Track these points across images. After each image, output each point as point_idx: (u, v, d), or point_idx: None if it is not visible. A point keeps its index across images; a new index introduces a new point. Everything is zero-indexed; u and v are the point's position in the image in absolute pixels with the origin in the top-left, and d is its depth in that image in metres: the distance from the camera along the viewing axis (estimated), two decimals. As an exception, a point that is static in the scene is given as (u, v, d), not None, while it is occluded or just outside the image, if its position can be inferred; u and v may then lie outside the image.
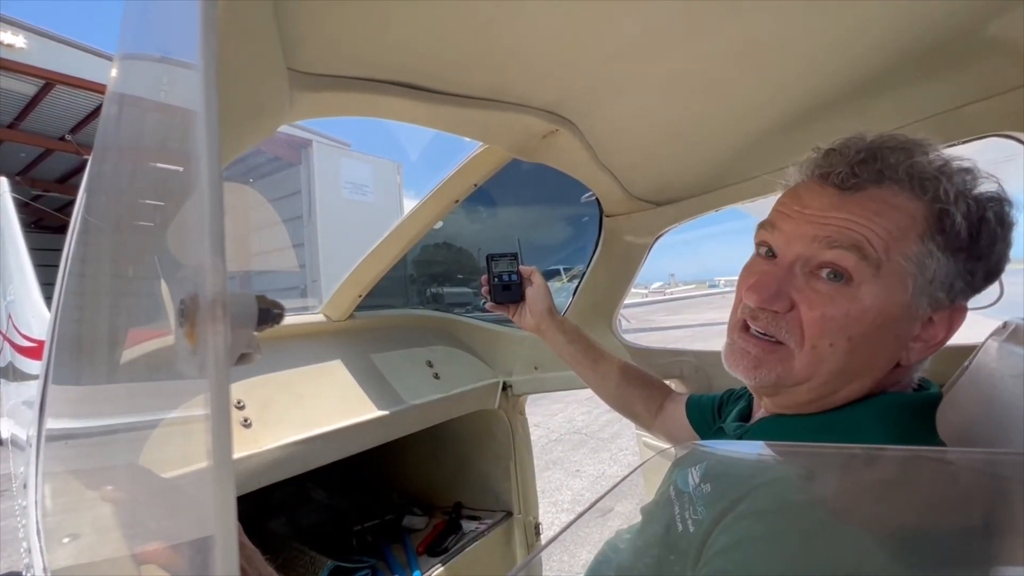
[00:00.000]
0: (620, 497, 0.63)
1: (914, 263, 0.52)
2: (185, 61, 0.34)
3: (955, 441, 0.76)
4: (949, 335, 0.55)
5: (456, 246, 4.59)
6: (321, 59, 0.71)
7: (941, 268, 0.52)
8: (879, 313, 0.53)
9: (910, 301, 0.53)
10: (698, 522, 0.51)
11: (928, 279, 0.53)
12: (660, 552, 0.55)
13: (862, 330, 0.54)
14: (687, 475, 0.58)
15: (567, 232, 2.36)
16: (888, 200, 0.54)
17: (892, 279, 0.53)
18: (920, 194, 0.53)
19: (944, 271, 0.52)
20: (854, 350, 0.54)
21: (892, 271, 0.53)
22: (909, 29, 0.75)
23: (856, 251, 0.53)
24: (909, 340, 0.55)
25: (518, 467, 1.72)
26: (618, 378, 1.10)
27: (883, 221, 0.53)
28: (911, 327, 0.55)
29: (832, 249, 0.54)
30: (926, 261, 0.52)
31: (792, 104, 0.94)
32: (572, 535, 0.55)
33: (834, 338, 0.54)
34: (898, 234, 0.52)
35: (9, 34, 8.31)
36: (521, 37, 0.72)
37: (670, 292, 42.60)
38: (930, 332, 0.55)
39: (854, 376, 0.57)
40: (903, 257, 0.52)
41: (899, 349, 0.56)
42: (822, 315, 0.54)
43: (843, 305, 0.53)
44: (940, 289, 0.53)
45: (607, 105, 0.94)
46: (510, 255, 1.10)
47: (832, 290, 0.54)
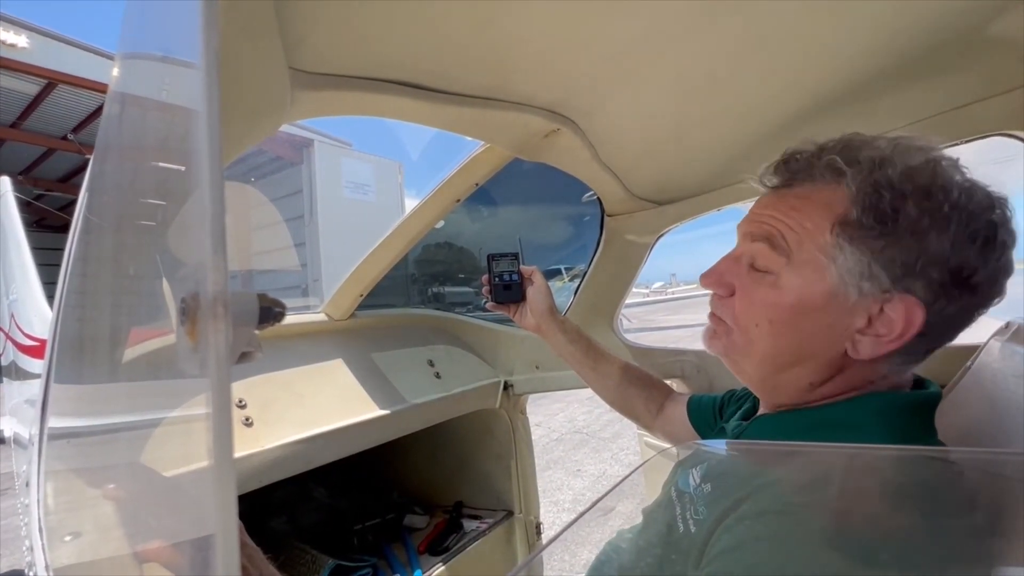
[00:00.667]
0: (621, 497, 0.63)
1: (827, 254, 0.55)
2: (186, 60, 0.34)
3: (957, 441, 0.76)
4: (909, 330, 0.52)
5: (457, 245, 4.59)
6: (322, 58, 0.71)
7: (851, 258, 0.53)
8: (797, 300, 0.56)
9: (833, 290, 0.55)
10: (699, 522, 0.51)
11: (844, 268, 0.54)
12: (662, 552, 0.55)
13: (781, 315, 0.58)
14: (688, 475, 0.58)
15: (568, 231, 2.36)
16: (808, 195, 0.57)
17: (807, 269, 0.56)
18: (836, 186, 0.56)
19: (857, 260, 0.53)
20: (778, 334, 0.59)
21: (806, 261, 0.56)
22: (911, 28, 0.74)
23: (767, 242, 0.58)
24: (853, 332, 0.55)
25: (519, 466, 1.72)
26: (618, 378, 1.10)
27: (798, 214, 0.57)
28: (849, 318, 0.55)
29: (753, 243, 0.60)
30: (837, 251, 0.54)
31: (794, 103, 0.94)
32: (573, 535, 0.55)
33: (758, 320, 0.60)
34: (811, 225, 0.56)
35: (11, 34, 8.33)
36: (523, 36, 0.72)
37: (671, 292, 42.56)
38: (884, 326, 0.54)
39: (790, 361, 0.59)
40: (816, 247, 0.55)
41: (837, 339, 0.56)
42: (747, 300, 0.61)
43: (763, 292, 0.59)
44: (863, 279, 0.53)
45: (609, 104, 0.94)
46: (511, 255, 1.10)
47: (757, 278, 0.60)
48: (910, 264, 0.52)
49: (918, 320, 0.52)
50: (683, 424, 0.96)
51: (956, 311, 0.53)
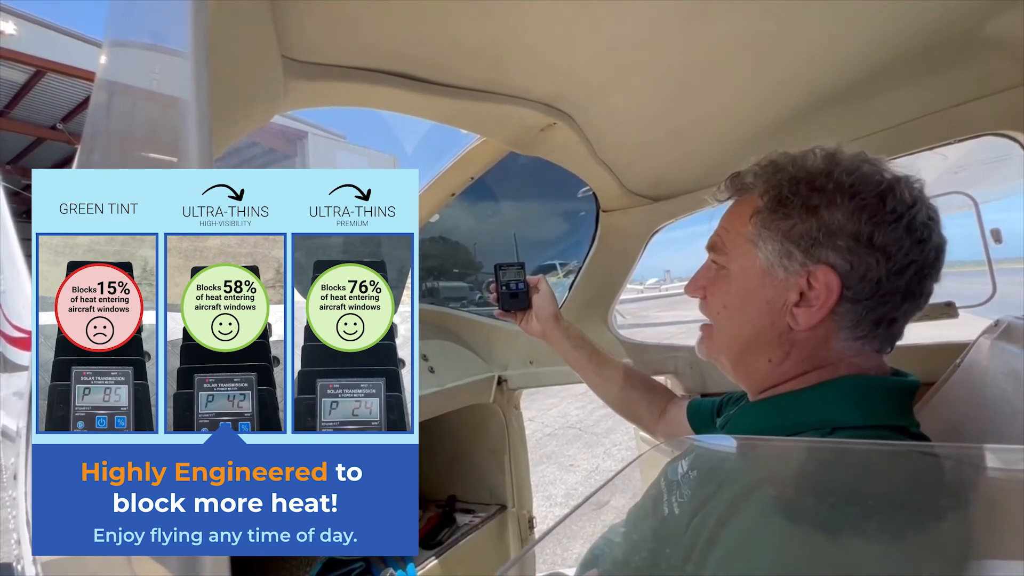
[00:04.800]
0: (614, 492, 0.63)
1: (752, 242, 0.66)
2: (175, 49, 0.34)
3: (947, 436, 0.77)
4: (831, 295, 0.61)
5: (452, 240, 4.58)
6: (317, 47, 0.70)
7: (768, 239, 0.64)
8: (740, 283, 0.68)
9: (764, 270, 0.65)
10: (683, 504, 0.54)
11: (769, 249, 0.65)
12: (654, 546, 0.56)
13: (731, 299, 0.69)
14: (677, 466, 0.60)
15: (563, 227, 2.36)
16: (739, 202, 0.71)
17: (743, 258, 0.68)
18: (752, 188, 0.68)
19: (772, 239, 0.64)
20: (732, 315, 0.70)
21: (741, 253, 0.68)
22: (908, 27, 0.75)
23: (711, 248, 0.73)
24: (790, 306, 0.64)
25: (512, 461, 1.72)
26: (621, 382, 1.12)
27: (729, 218, 0.71)
28: (783, 294, 0.64)
29: (708, 251, 0.74)
30: (757, 237, 0.66)
31: (790, 100, 0.94)
32: (566, 529, 0.55)
33: (719, 308, 0.71)
34: (739, 223, 0.68)
35: (-1, 20, 8.19)
36: (520, 29, 0.72)
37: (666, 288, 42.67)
38: (813, 297, 0.62)
39: (747, 339, 0.68)
40: (744, 239, 0.67)
41: (777, 313, 0.65)
42: (711, 294, 0.73)
43: (720, 284, 0.71)
44: (782, 256, 0.63)
45: (605, 99, 0.94)
46: (517, 264, 1.12)
47: (715, 275, 0.72)
48: (815, 236, 0.61)
49: (835, 285, 0.60)
50: (684, 427, 0.98)
51: (879, 275, 0.60)
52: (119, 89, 0.67)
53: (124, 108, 0.64)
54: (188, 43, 0.29)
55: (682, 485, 0.56)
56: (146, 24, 0.50)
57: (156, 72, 0.46)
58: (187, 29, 0.29)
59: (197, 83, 0.28)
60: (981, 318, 0.95)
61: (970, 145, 1.01)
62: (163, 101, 0.43)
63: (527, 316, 1.12)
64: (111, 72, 0.69)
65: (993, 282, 1.31)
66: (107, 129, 0.71)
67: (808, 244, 0.62)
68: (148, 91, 0.52)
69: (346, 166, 12.62)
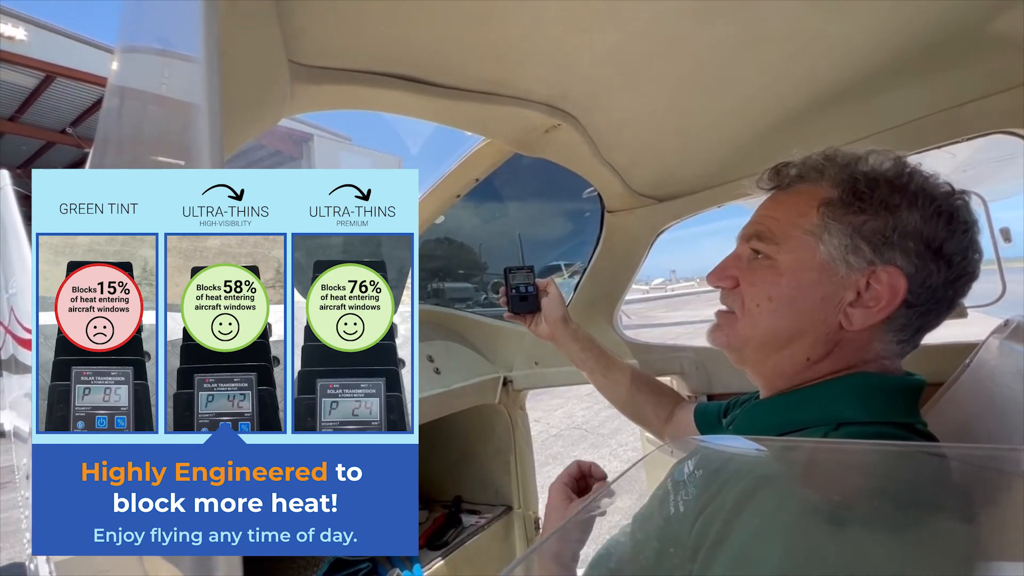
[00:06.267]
0: (620, 492, 0.63)
1: (814, 234, 0.63)
2: (186, 54, 0.34)
3: (956, 436, 0.76)
4: (894, 296, 0.59)
5: (457, 241, 4.59)
6: (322, 51, 0.71)
7: (837, 232, 0.61)
8: (792, 275, 0.64)
9: (823, 264, 0.62)
10: (688, 502, 0.53)
11: (832, 244, 0.61)
12: (659, 545, 0.56)
13: (779, 291, 0.65)
14: (683, 467, 0.59)
15: (568, 227, 2.36)
16: (792, 192, 0.67)
17: (799, 249, 0.64)
18: (817, 180, 0.65)
19: (841, 234, 0.61)
20: (777, 309, 0.65)
21: (797, 244, 0.64)
22: (912, 25, 0.74)
23: (757, 238, 0.67)
24: (844, 305, 0.61)
25: (518, 462, 1.72)
26: (629, 385, 1.12)
27: (782, 207, 0.67)
28: (840, 291, 0.62)
29: (748, 241, 0.69)
30: (823, 229, 0.62)
31: (795, 99, 0.94)
32: (571, 529, 0.55)
33: (760, 299, 0.66)
34: (795, 213, 0.65)
35: (9, 26, 8.29)
36: (523, 30, 0.72)
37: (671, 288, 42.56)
38: (871, 297, 0.60)
39: (790, 335, 0.65)
40: (802, 231, 0.63)
41: (831, 311, 0.62)
42: (751, 283, 0.68)
43: (763, 273, 0.66)
44: (849, 252, 0.61)
45: (609, 100, 0.94)
46: (527, 268, 1.12)
47: (757, 264, 0.67)
48: (888, 235, 0.59)
49: (901, 287, 0.58)
50: (691, 430, 0.98)
51: (937, 283, 0.59)
52: (131, 94, 0.68)
53: (136, 112, 0.65)
54: (199, 48, 0.29)
55: (688, 484, 0.56)
56: (158, 30, 0.50)
57: (167, 77, 0.47)
58: (198, 35, 0.29)
59: (208, 88, 0.28)
60: (990, 317, 0.94)
61: (979, 143, 1.00)
62: (174, 105, 0.43)
63: (536, 319, 1.12)
64: (123, 77, 0.70)
65: (1003, 281, 1.29)
66: (119, 133, 0.72)
67: (879, 242, 0.60)
68: (159, 96, 0.52)
69: (351, 168, 12.69)
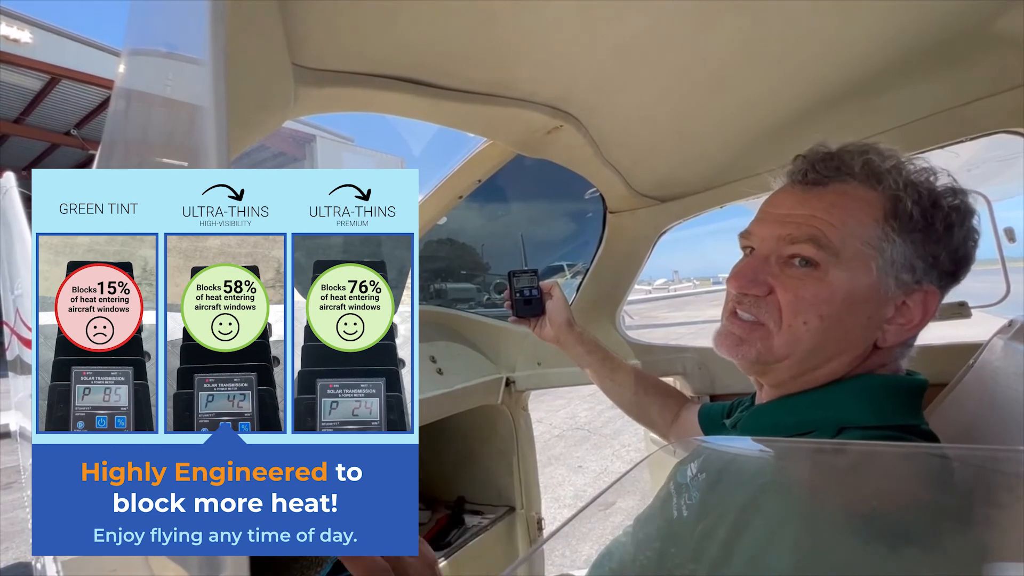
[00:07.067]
0: (623, 492, 0.63)
1: (873, 247, 0.58)
2: (193, 56, 0.34)
3: (960, 437, 0.76)
4: (926, 317, 0.58)
5: (460, 242, 4.59)
6: (326, 54, 0.71)
7: (899, 250, 0.57)
8: (847, 293, 0.58)
9: (876, 282, 0.58)
10: (691, 506, 0.53)
11: (889, 261, 0.57)
12: (661, 545, 0.56)
13: (832, 309, 0.59)
14: (687, 470, 0.59)
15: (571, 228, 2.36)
16: (846, 193, 0.60)
17: (855, 263, 0.58)
18: (875, 185, 0.59)
19: (902, 252, 0.57)
20: (827, 328, 0.60)
21: (854, 256, 0.58)
22: (915, 25, 0.74)
23: (813, 243, 0.59)
24: (883, 322, 0.59)
25: (521, 462, 1.72)
26: (634, 387, 1.12)
27: (839, 212, 0.59)
28: (883, 309, 0.59)
29: (794, 244, 0.61)
30: (884, 244, 0.57)
31: (797, 101, 0.94)
32: (574, 530, 0.55)
33: (807, 316, 0.60)
34: (854, 222, 0.58)
35: (14, 28, 8.34)
36: (525, 32, 0.72)
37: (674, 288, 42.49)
38: (905, 315, 0.59)
39: (831, 354, 0.61)
40: (861, 242, 0.58)
41: (873, 329, 0.60)
42: (796, 296, 0.60)
43: (813, 287, 0.59)
44: (904, 270, 0.58)
45: (612, 100, 0.94)
46: (531, 271, 1.12)
47: (803, 274, 0.60)
48: (937, 256, 0.57)
49: (934, 307, 0.58)
50: (695, 431, 0.98)
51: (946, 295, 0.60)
52: (137, 96, 0.68)
53: (142, 115, 0.65)
54: (205, 51, 0.29)
55: (691, 488, 0.56)
56: (164, 33, 0.51)
57: (173, 80, 0.47)
58: (204, 37, 0.29)
59: (215, 90, 0.28)
60: (995, 317, 0.93)
61: (983, 142, 0.99)
62: (180, 108, 0.43)
63: (541, 322, 1.12)
64: (130, 80, 0.70)
65: (1007, 281, 1.29)
66: (125, 136, 0.72)
67: (930, 263, 0.58)
68: (165, 98, 0.53)
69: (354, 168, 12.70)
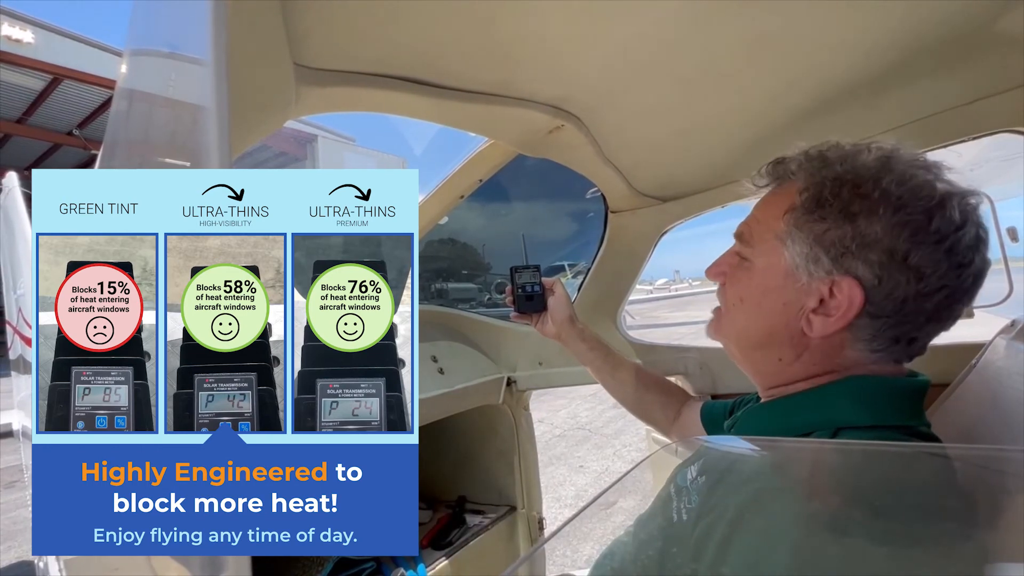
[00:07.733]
0: (624, 492, 0.63)
1: (780, 238, 0.63)
2: (195, 56, 0.34)
3: (962, 438, 0.76)
4: (851, 307, 0.58)
5: (461, 241, 4.60)
6: (327, 54, 0.71)
7: (800, 239, 0.61)
8: (761, 280, 0.66)
9: (788, 271, 0.63)
10: (691, 510, 0.53)
11: (796, 251, 0.62)
12: (662, 545, 0.56)
13: (749, 292, 0.67)
14: (687, 472, 0.59)
15: (572, 228, 2.36)
16: (776, 193, 0.67)
17: (770, 254, 0.65)
18: (792, 183, 0.64)
19: (804, 242, 0.61)
20: (747, 310, 0.68)
21: (768, 248, 0.65)
22: (917, 25, 0.74)
23: (740, 240, 0.70)
24: (807, 311, 0.62)
25: (522, 462, 1.72)
26: (636, 384, 1.12)
27: (763, 209, 0.68)
28: (802, 298, 0.62)
29: (735, 241, 0.71)
30: (787, 236, 0.62)
31: (799, 100, 0.94)
32: (575, 529, 0.55)
33: (735, 298, 0.70)
34: (768, 216, 0.66)
35: (16, 29, 8.36)
36: (527, 32, 0.72)
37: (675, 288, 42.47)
38: (833, 306, 0.60)
39: (761, 338, 0.67)
40: (773, 235, 0.64)
41: (793, 317, 0.63)
42: (731, 282, 0.71)
43: (740, 274, 0.69)
44: (810, 260, 0.60)
45: (613, 100, 0.94)
46: (532, 267, 1.11)
47: (737, 264, 0.70)
48: (847, 245, 0.58)
49: (858, 299, 0.58)
50: (697, 429, 0.98)
51: (907, 295, 0.57)
52: (139, 97, 0.68)
53: (144, 115, 0.65)
54: (207, 51, 0.29)
55: (691, 491, 0.56)
56: (166, 33, 0.51)
57: (175, 80, 0.47)
58: (206, 37, 0.29)
59: (216, 90, 0.28)
60: (997, 317, 0.93)
61: (986, 141, 0.99)
62: (182, 108, 0.43)
63: (542, 318, 1.12)
64: (132, 80, 0.70)
65: (1010, 281, 1.28)
66: (127, 136, 0.72)
67: (838, 252, 0.59)
68: (167, 99, 0.53)
69: (355, 168, 12.72)
